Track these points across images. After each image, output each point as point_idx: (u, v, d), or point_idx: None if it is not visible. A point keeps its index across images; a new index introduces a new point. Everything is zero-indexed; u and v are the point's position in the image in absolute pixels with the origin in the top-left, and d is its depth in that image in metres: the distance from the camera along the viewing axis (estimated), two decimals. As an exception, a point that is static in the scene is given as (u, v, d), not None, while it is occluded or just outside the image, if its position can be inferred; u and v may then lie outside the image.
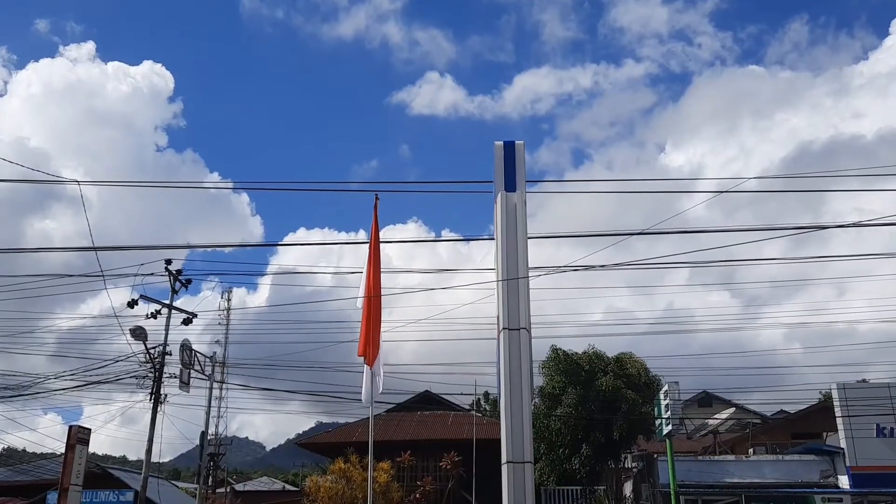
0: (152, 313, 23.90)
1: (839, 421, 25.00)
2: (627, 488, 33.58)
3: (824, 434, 28.91)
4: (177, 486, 35.57)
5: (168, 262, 23.72)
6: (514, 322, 8.31)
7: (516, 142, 9.21)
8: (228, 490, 43.79)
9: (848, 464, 24.59)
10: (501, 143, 9.21)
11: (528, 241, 8.93)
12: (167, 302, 24.34)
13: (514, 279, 8.03)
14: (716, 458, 29.53)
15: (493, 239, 8.89)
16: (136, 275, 20.36)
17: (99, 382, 24.17)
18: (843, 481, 24.82)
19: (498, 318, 8.42)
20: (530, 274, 8.75)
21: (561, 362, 32.26)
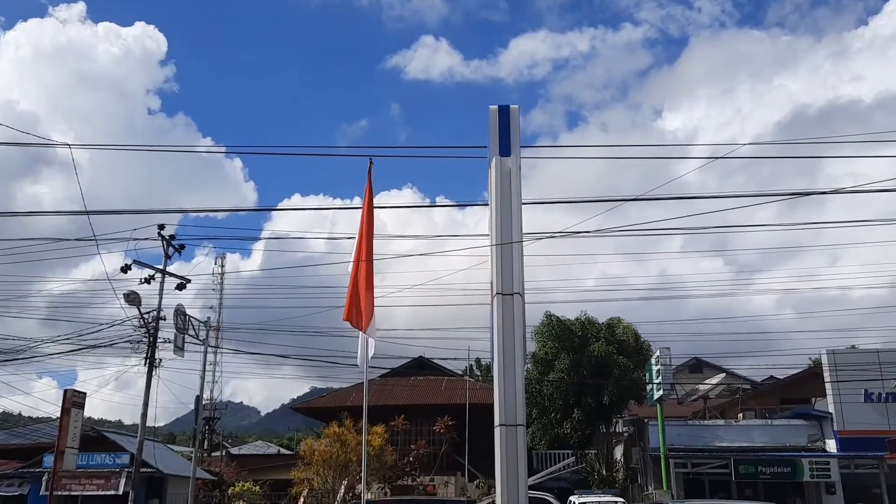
0: (146, 278, 23.86)
1: (828, 386, 25.32)
2: (618, 452, 34.03)
3: (813, 399, 29.28)
4: (172, 450, 35.89)
5: (161, 227, 23.62)
6: (508, 287, 8.32)
7: (511, 106, 9.15)
8: (224, 453, 44.24)
9: (835, 428, 24.96)
10: (496, 107, 9.15)
11: (521, 206, 8.93)
12: (160, 267, 24.31)
13: (507, 244, 8.03)
14: (705, 422, 29.90)
15: (487, 205, 8.88)
16: (128, 239, 20.24)
17: (94, 347, 24.23)
18: (831, 445, 25.22)
19: (492, 282, 8.44)
20: (524, 239, 8.76)
21: (554, 328, 32.47)
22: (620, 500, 23.67)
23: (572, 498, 24.37)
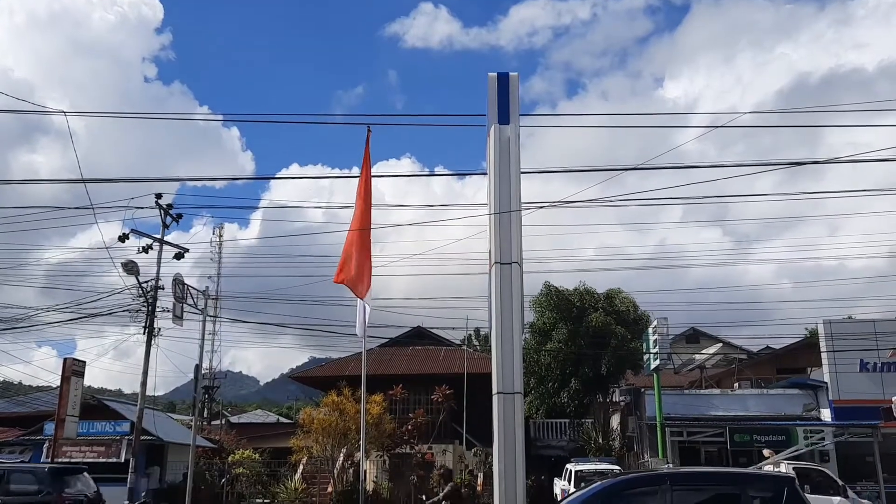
0: (143, 247, 23.82)
1: (824, 356, 25.46)
2: (615, 421, 34.32)
3: (808, 369, 29.47)
4: (172, 418, 36.15)
5: (158, 196, 23.53)
6: (506, 256, 8.29)
7: (510, 74, 9.07)
8: (223, 422, 44.58)
9: (830, 397, 25.16)
10: (495, 74, 9.06)
11: (520, 175, 8.87)
12: (158, 236, 24.25)
13: (506, 212, 7.99)
14: (702, 391, 30.11)
15: (485, 174, 8.83)
16: (126, 208, 20.16)
17: (93, 315, 24.26)
18: (825, 414, 25.43)
19: (490, 251, 8.41)
20: (523, 209, 8.72)
21: (552, 298, 32.57)
22: (616, 468, 23.92)
23: (569, 466, 24.63)
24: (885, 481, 23.40)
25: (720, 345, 37.44)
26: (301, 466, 25.81)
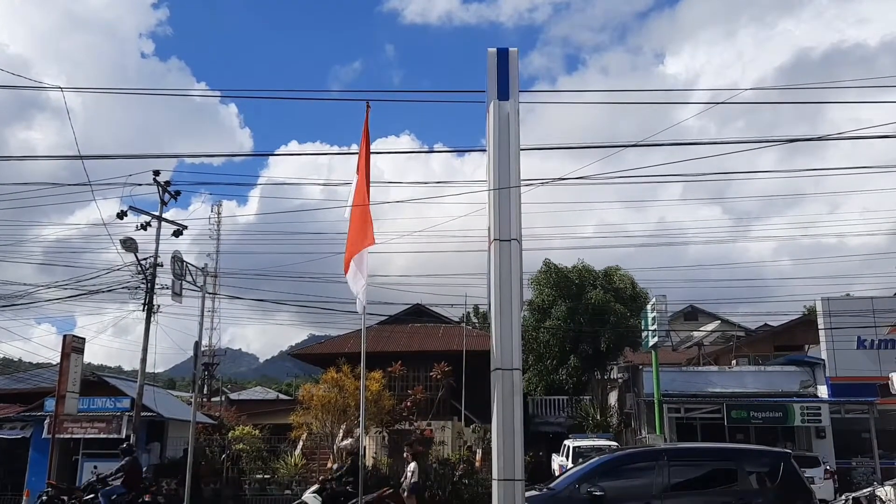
0: (142, 225, 23.81)
1: (821, 333, 25.57)
2: (612, 398, 34.53)
3: (806, 346, 29.61)
4: (172, 395, 36.32)
5: (156, 172, 23.47)
6: (506, 233, 8.26)
7: (510, 49, 9.00)
8: (223, 398, 44.81)
9: (827, 374, 25.30)
10: (495, 49, 8.98)
11: (520, 151, 8.84)
12: (156, 213, 24.21)
13: (505, 188, 7.96)
14: (699, 368, 30.27)
15: (484, 151, 8.80)
16: (124, 185, 20.11)
17: (92, 292, 24.29)
18: (822, 391, 25.59)
19: (489, 228, 8.38)
20: (522, 186, 8.69)
21: (552, 276, 32.62)
22: (614, 443, 24.12)
23: (567, 442, 24.82)
24: (880, 457, 23.63)
25: (718, 322, 37.58)
26: (301, 442, 25.99)
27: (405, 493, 20.10)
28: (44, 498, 20.99)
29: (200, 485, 23.30)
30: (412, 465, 20.40)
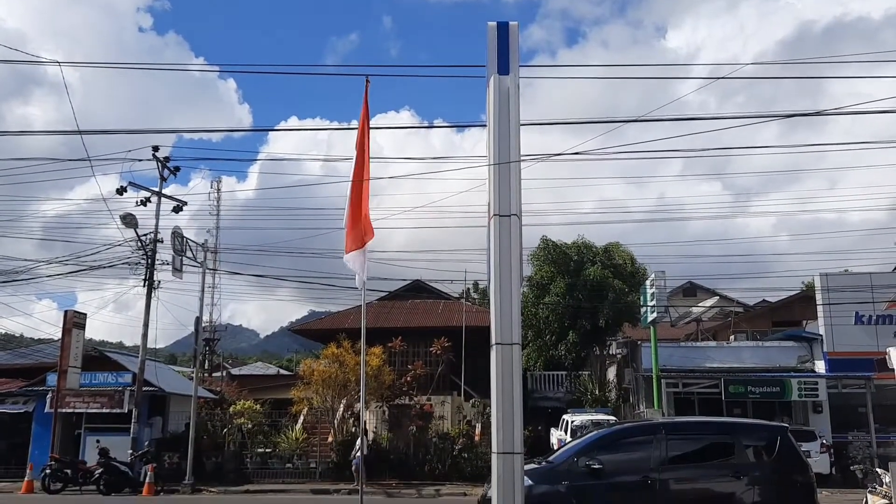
0: (142, 200, 23.82)
1: (819, 309, 25.63)
2: (611, 373, 34.72)
3: (804, 322, 29.71)
4: (174, 370, 36.51)
5: (155, 148, 23.43)
6: (505, 208, 8.26)
7: (510, 22, 8.92)
8: (224, 374, 45.03)
9: (825, 349, 25.40)
10: (495, 23, 8.90)
11: (520, 126, 8.81)
12: (156, 189, 24.20)
13: (505, 163, 7.95)
14: (697, 344, 30.40)
15: (484, 126, 8.76)
16: (123, 161, 20.10)
17: (93, 268, 24.35)
18: (820, 366, 25.72)
19: (489, 204, 8.38)
20: (522, 161, 8.67)
21: (550, 252, 32.65)
22: (612, 418, 24.30)
23: (565, 416, 25.01)
24: (876, 431, 23.82)
25: (717, 298, 37.70)
26: (302, 417, 26.19)
27: (353, 468, 20.48)
28: (48, 471, 21.24)
29: (202, 458, 23.54)
30: (359, 441, 20.84)
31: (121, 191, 22.78)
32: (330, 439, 24.41)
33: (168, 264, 23.94)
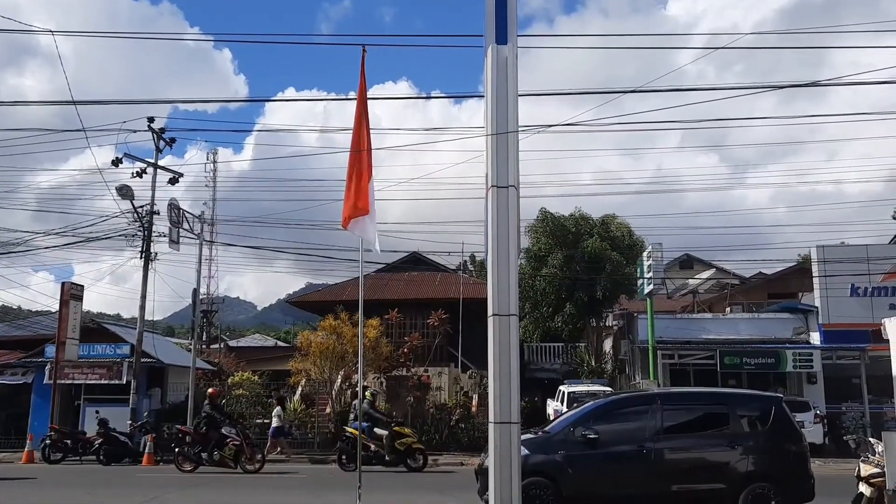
0: (138, 172, 23.69)
1: (815, 281, 25.73)
2: (607, 345, 34.90)
3: (800, 294, 29.83)
4: (171, 342, 36.62)
5: (151, 119, 23.25)
6: (503, 179, 8.20)
7: (508, -9, 8.81)
8: (222, 346, 45.23)
9: (820, 321, 25.56)
10: (493, -8, 8.78)
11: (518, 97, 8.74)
12: (152, 161, 24.07)
13: (503, 133, 7.90)
14: (694, 316, 30.53)
15: (481, 98, 8.70)
16: (118, 132, 19.94)
17: (90, 240, 24.30)
18: (815, 338, 25.89)
19: (486, 175, 8.33)
20: (520, 133, 8.62)
21: (548, 224, 32.64)
22: (608, 389, 24.48)
23: (562, 387, 25.18)
24: (869, 402, 24.03)
25: (713, 270, 37.85)
26: (300, 388, 26.34)
27: (269, 439, 20.99)
28: (48, 442, 21.38)
29: (201, 429, 23.68)
30: (277, 409, 21.29)
31: (116, 162, 22.62)
32: (328, 410, 24.58)
33: (165, 236, 23.90)
